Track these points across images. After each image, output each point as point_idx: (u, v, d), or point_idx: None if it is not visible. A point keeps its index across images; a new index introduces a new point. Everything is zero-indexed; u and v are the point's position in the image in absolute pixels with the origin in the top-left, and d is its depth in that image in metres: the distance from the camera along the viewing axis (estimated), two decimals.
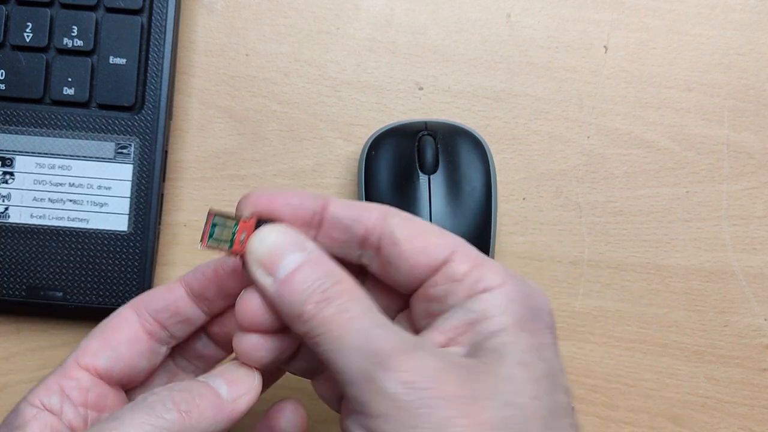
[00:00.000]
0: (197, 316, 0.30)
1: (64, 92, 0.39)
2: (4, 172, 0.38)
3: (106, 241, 0.38)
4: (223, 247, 0.27)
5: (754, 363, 0.41)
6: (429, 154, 0.38)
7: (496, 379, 0.24)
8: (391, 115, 0.42)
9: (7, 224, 0.38)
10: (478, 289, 0.26)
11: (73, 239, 0.38)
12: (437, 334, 0.26)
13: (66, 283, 0.38)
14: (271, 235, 0.27)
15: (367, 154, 0.39)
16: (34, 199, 0.38)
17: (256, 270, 0.27)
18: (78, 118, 0.39)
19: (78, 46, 0.39)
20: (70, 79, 0.39)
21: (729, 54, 0.43)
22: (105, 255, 0.38)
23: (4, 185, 0.38)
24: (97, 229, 0.38)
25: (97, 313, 0.34)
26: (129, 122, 0.39)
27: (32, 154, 0.38)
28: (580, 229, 0.42)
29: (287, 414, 0.29)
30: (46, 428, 0.27)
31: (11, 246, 0.38)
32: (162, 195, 0.39)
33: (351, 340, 0.24)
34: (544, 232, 0.41)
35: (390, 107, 0.42)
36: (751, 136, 0.43)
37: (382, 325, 0.25)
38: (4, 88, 0.39)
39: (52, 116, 0.39)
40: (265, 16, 0.42)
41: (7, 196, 0.38)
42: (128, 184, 0.38)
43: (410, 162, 0.38)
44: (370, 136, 0.40)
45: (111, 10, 0.39)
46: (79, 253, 0.38)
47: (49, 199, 0.38)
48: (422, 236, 0.27)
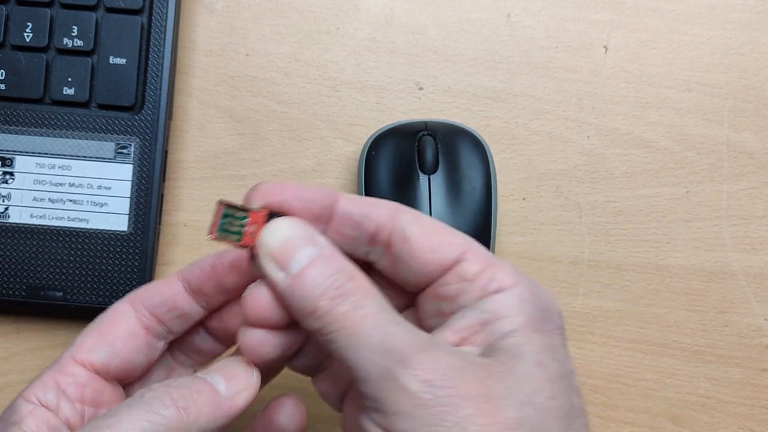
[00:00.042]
0: (195, 311, 0.30)
1: (64, 92, 0.39)
2: (4, 172, 0.38)
3: (106, 241, 0.38)
4: (232, 239, 0.26)
5: (754, 363, 0.41)
6: (429, 154, 0.38)
7: (514, 379, 0.24)
8: (391, 115, 0.42)
9: (7, 224, 0.38)
10: (491, 289, 0.26)
11: (73, 239, 0.38)
12: (450, 333, 0.26)
13: (66, 283, 0.38)
14: (284, 229, 0.26)
15: (367, 154, 0.39)
16: (34, 199, 0.38)
17: (267, 264, 0.26)
18: (78, 118, 0.39)
19: (78, 46, 0.39)
20: (70, 79, 0.39)
21: (729, 54, 0.43)
22: (105, 255, 0.38)
23: (4, 185, 0.38)
24: (97, 229, 0.38)
25: (97, 313, 0.33)
26: (129, 122, 0.39)
27: (32, 154, 0.38)
28: (580, 229, 0.42)
29: (287, 409, 0.29)
30: (42, 424, 0.27)
31: (11, 246, 0.38)
32: (162, 195, 0.39)
33: (367, 337, 0.24)
34: (544, 232, 0.41)
35: (390, 107, 0.42)
36: (751, 136, 0.43)
37: (397, 323, 0.25)
38: (4, 88, 0.39)
39: (52, 116, 0.39)
40: (265, 16, 0.42)
41: (7, 196, 0.38)
42: (128, 184, 0.38)
43: (410, 162, 0.38)
44: (370, 136, 0.40)
45: (111, 10, 0.39)
46: (79, 253, 0.38)
47: (49, 199, 0.38)
48: (433, 234, 0.27)
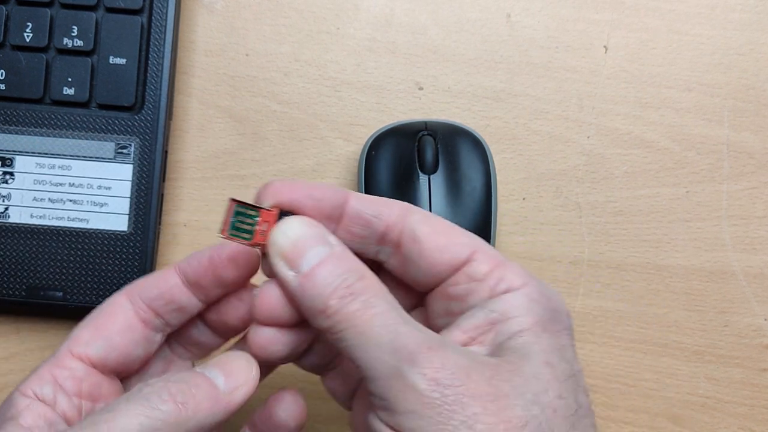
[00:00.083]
0: (193, 304, 0.30)
1: (64, 92, 0.39)
2: (4, 172, 0.38)
3: (106, 241, 0.38)
4: (244, 238, 0.26)
5: (754, 363, 0.41)
6: (429, 154, 0.38)
7: (522, 378, 0.24)
8: (391, 115, 0.42)
9: (7, 224, 0.38)
10: (500, 289, 0.26)
11: (73, 239, 0.38)
12: (459, 332, 0.26)
13: (66, 283, 0.38)
14: (295, 228, 0.26)
15: (367, 154, 0.39)
16: (34, 199, 0.38)
17: (278, 263, 0.26)
18: (78, 118, 0.39)
19: (78, 46, 0.39)
20: (70, 79, 0.39)
21: (729, 54, 0.43)
22: (105, 255, 0.38)
23: (4, 185, 0.38)
24: (97, 229, 0.38)
25: None
26: (129, 122, 0.39)
27: (32, 154, 0.38)
28: (580, 229, 0.42)
29: (286, 404, 0.29)
30: (39, 418, 0.27)
31: (11, 246, 0.38)
32: (162, 195, 0.39)
33: (377, 336, 0.24)
34: (544, 232, 0.41)
35: (390, 107, 0.42)
36: (751, 136, 0.43)
37: (406, 322, 0.25)
38: (4, 88, 0.39)
39: (52, 116, 0.39)
40: (265, 16, 0.42)
41: (7, 196, 0.38)
42: (128, 184, 0.38)
43: (410, 162, 0.38)
44: (370, 136, 0.40)
45: (111, 10, 0.39)
46: (79, 253, 0.38)
47: (49, 199, 0.38)
48: (443, 234, 0.27)
